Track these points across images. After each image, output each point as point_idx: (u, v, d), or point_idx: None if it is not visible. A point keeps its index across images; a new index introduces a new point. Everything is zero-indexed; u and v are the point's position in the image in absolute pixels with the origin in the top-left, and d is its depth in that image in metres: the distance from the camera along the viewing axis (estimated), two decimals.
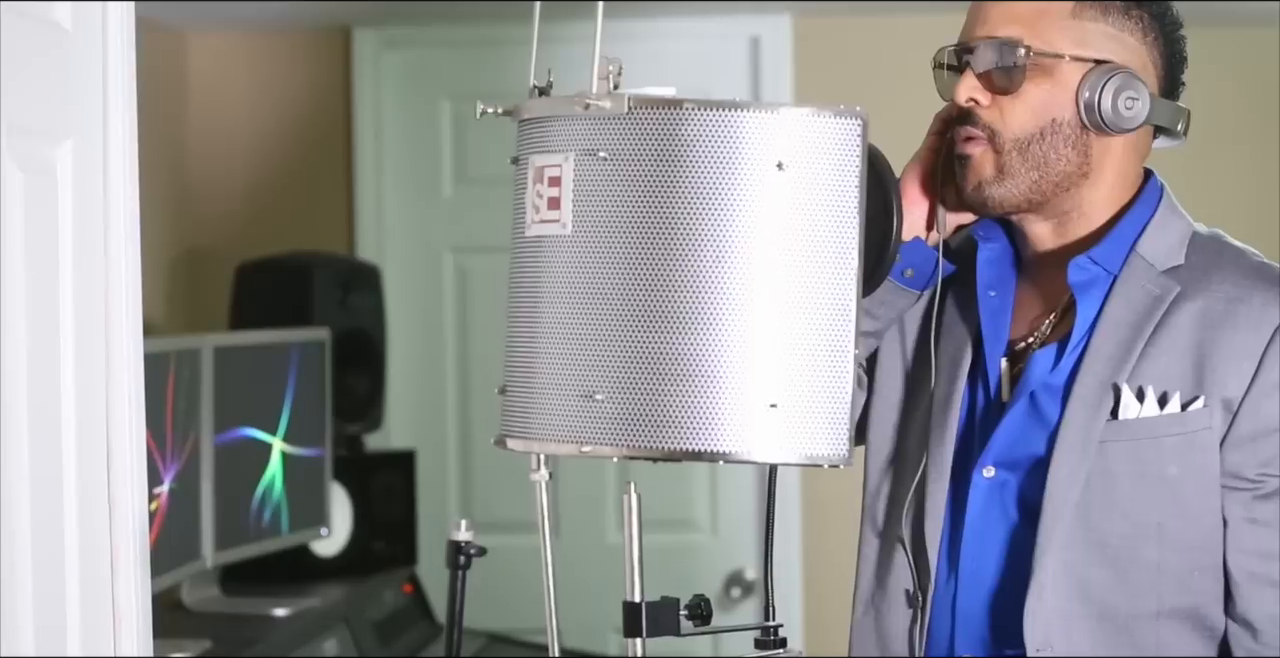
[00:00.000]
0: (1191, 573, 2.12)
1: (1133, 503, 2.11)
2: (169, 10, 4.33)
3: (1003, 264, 2.24)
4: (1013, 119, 2.14)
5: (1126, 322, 2.13)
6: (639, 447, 1.70)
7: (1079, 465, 2.11)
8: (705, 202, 1.69)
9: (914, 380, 2.28)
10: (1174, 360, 2.11)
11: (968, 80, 2.15)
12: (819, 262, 1.71)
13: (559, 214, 1.73)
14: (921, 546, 2.20)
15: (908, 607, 2.22)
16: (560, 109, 1.74)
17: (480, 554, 1.87)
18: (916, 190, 2.22)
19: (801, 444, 1.71)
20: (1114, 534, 2.11)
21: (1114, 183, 2.18)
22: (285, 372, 3.70)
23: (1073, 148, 2.14)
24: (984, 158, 2.15)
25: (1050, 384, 2.16)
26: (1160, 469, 2.10)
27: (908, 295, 2.23)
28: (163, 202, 4.52)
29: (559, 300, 1.74)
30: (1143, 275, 2.15)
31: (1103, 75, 2.12)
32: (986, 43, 2.14)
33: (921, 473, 2.20)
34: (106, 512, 1.98)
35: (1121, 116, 2.12)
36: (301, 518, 3.75)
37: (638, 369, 1.69)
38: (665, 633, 1.79)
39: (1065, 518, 2.11)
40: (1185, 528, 2.11)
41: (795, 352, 1.70)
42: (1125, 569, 2.11)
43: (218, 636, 3.29)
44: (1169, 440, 2.09)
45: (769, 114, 1.70)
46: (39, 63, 1.85)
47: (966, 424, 2.22)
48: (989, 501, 2.18)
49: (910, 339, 2.29)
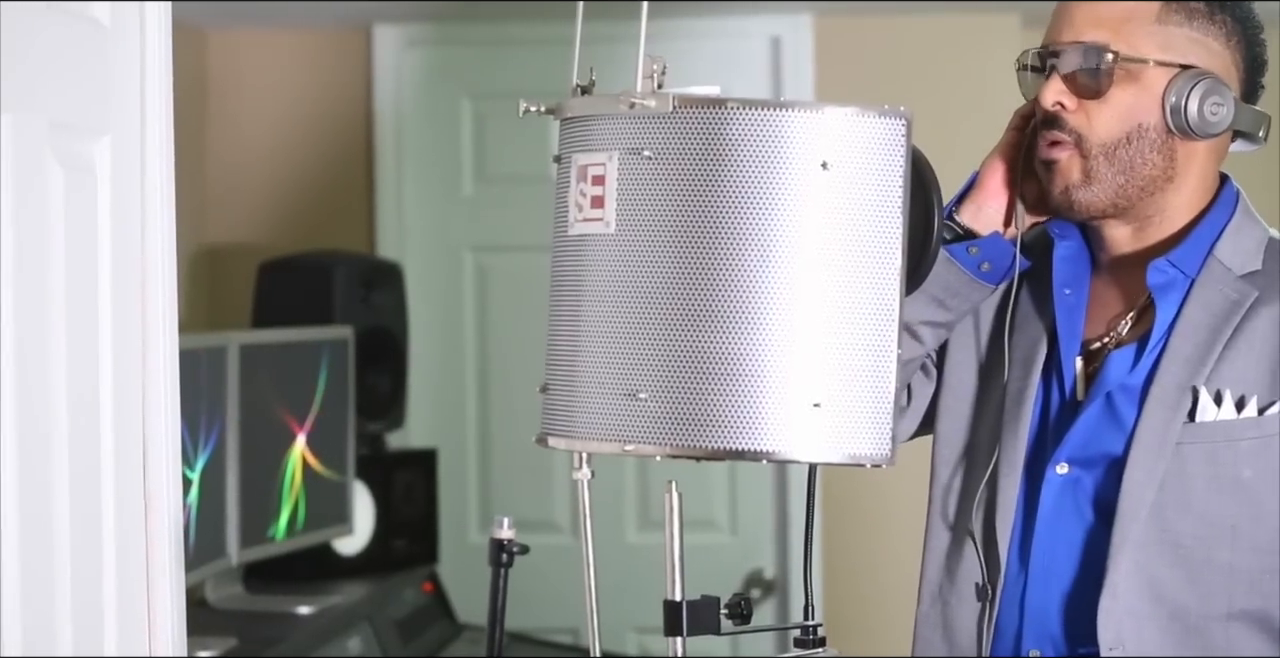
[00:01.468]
0: (1263, 575, 2.13)
1: (1207, 505, 2.12)
2: (190, 8, 4.33)
3: (1078, 262, 2.25)
4: (1099, 124, 2.15)
5: (1205, 325, 2.14)
6: (682, 446, 1.70)
7: (1155, 466, 2.12)
8: (750, 201, 1.68)
9: (987, 374, 2.29)
10: (1251, 365, 2.13)
11: (1054, 84, 2.15)
12: (863, 262, 1.71)
13: (603, 213, 1.73)
14: (993, 539, 2.21)
15: (976, 600, 2.23)
16: (604, 108, 1.74)
17: (523, 552, 1.88)
18: (997, 183, 2.23)
19: (844, 444, 1.71)
20: (1188, 535, 2.13)
21: (1196, 187, 2.20)
22: (309, 370, 3.70)
23: (1159, 153, 2.15)
24: (1070, 162, 2.16)
25: (1127, 385, 2.17)
26: (1236, 472, 2.12)
27: (983, 289, 2.23)
28: (183, 199, 4.49)
29: (602, 299, 1.73)
30: (1220, 279, 2.16)
31: (1189, 81, 2.13)
32: (1072, 47, 2.15)
33: (994, 466, 2.22)
34: (142, 512, 1.97)
35: (1207, 122, 2.14)
36: (324, 516, 3.75)
37: (681, 368, 1.69)
38: (706, 632, 1.79)
39: (1140, 518, 2.13)
40: (1258, 530, 2.13)
41: (838, 351, 1.70)
42: (1198, 570, 2.13)
43: (242, 634, 3.30)
44: (1245, 444, 2.11)
45: (814, 114, 1.70)
46: (79, 59, 1.85)
47: (1040, 421, 2.23)
48: (1061, 497, 2.19)
49: (984, 333, 2.30)
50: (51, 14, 1.78)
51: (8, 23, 1.67)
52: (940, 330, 2.27)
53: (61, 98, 1.79)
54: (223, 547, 3.37)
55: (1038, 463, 2.21)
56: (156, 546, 1.99)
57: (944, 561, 2.28)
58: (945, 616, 2.26)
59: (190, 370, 3.20)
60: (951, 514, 2.28)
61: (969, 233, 2.23)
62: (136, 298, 1.97)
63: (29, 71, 1.72)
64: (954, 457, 2.30)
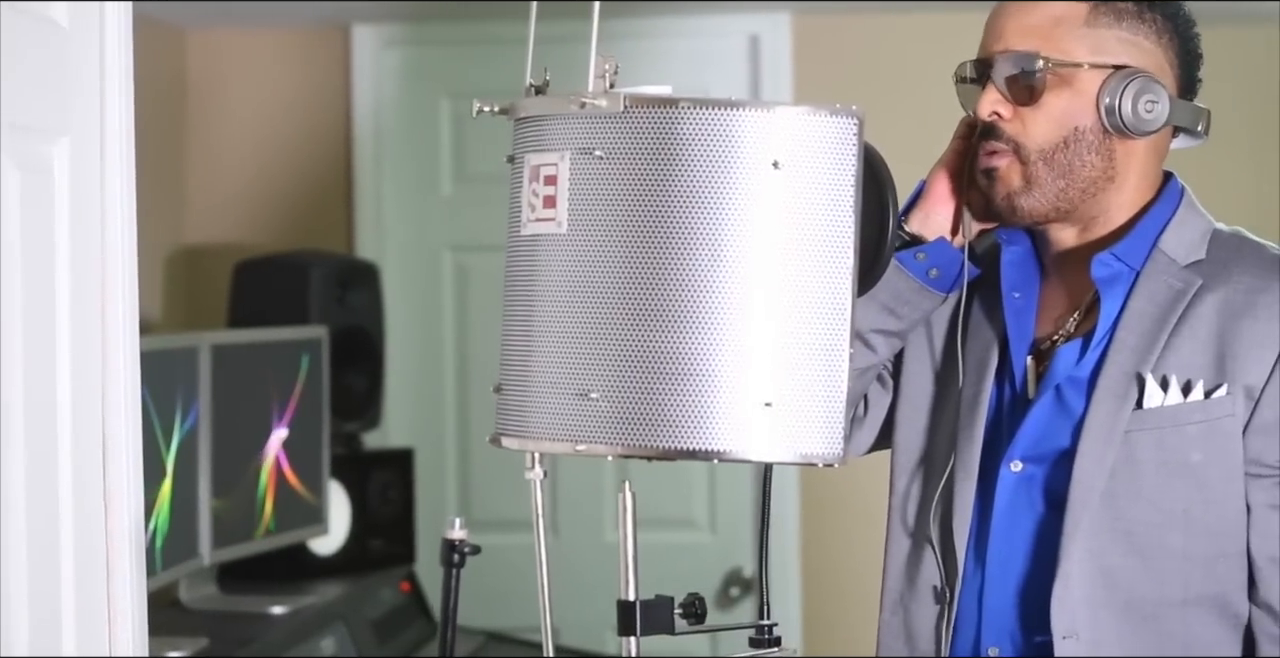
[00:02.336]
0: (1217, 560, 2.14)
1: (1158, 491, 2.14)
2: (168, 7, 4.33)
3: (1026, 266, 2.26)
4: (1036, 130, 2.16)
5: (1150, 314, 2.16)
6: (634, 446, 1.70)
7: (1105, 455, 2.14)
8: (701, 200, 1.69)
9: (943, 383, 2.31)
10: (1197, 350, 2.14)
11: (989, 95, 2.17)
12: (814, 261, 1.71)
13: (554, 213, 1.73)
14: (950, 542, 2.22)
15: (935, 603, 2.24)
16: (556, 108, 1.75)
17: (474, 553, 1.87)
18: (944, 191, 2.24)
19: (796, 443, 1.71)
20: (1140, 523, 2.14)
21: (1137, 185, 2.21)
22: (283, 370, 3.70)
23: (1097, 154, 2.16)
24: (1010, 169, 2.17)
25: (1075, 377, 2.18)
26: (1184, 457, 2.13)
27: (933, 296, 2.24)
28: (160, 199, 4.52)
29: (554, 299, 1.74)
30: (1165, 270, 2.17)
31: (1122, 80, 2.14)
32: (1004, 57, 2.16)
33: (950, 471, 2.23)
34: (102, 510, 1.97)
35: (1143, 119, 2.15)
36: (298, 517, 3.75)
37: (632, 368, 1.69)
38: (659, 631, 1.79)
39: (1091, 507, 2.14)
40: (1210, 515, 2.14)
41: (790, 351, 1.70)
42: (1151, 557, 2.14)
43: (215, 634, 3.29)
44: (1192, 428, 2.12)
45: (765, 113, 1.70)
46: (36, 60, 1.85)
47: (994, 422, 2.25)
48: (1016, 494, 2.20)
49: (938, 342, 2.32)
50: (8, 14, 1.77)
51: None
52: (893, 339, 2.28)
53: (18, 99, 1.79)
54: (195, 547, 3.37)
55: (991, 463, 2.22)
56: (117, 546, 1.99)
57: (904, 568, 2.29)
58: (906, 622, 2.27)
59: (163, 371, 3.21)
60: (911, 521, 2.29)
61: (917, 239, 2.24)
62: (96, 300, 1.97)
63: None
64: (911, 465, 2.31)
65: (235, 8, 4.39)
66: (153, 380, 3.13)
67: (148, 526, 3.11)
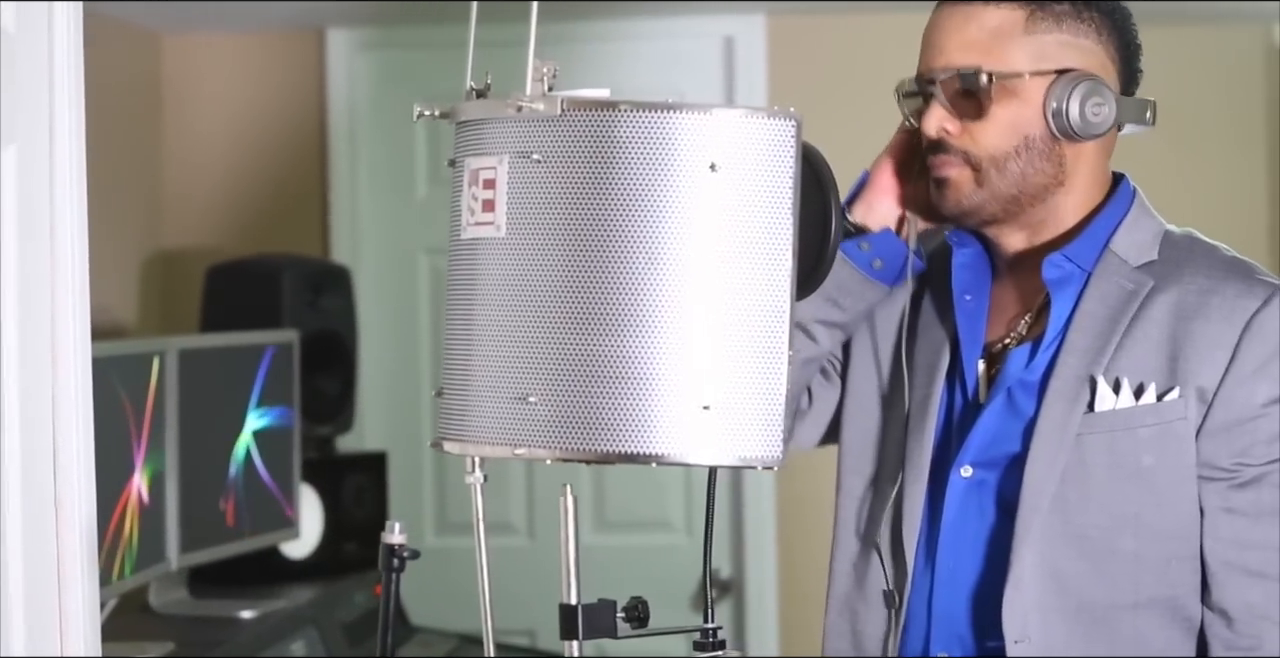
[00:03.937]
0: (1169, 563, 2.13)
1: (1109, 495, 2.12)
2: (142, 11, 4.33)
3: (977, 268, 2.25)
4: (985, 142, 2.15)
5: (1101, 316, 2.15)
6: (572, 449, 1.69)
7: (1055, 458, 2.12)
8: (638, 203, 1.68)
9: (891, 384, 2.29)
10: (1149, 352, 2.13)
11: (934, 112, 2.15)
12: (752, 263, 1.70)
13: (493, 216, 1.73)
14: (899, 547, 2.21)
15: (883, 607, 2.23)
16: (494, 111, 1.74)
17: (413, 557, 1.87)
18: (888, 181, 2.24)
19: (735, 446, 1.70)
20: (1091, 526, 2.13)
21: (1087, 187, 2.20)
22: (253, 374, 3.69)
23: (1048, 160, 2.16)
24: (962, 176, 2.16)
25: (1026, 380, 2.17)
26: (1136, 460, 2.12)
27: (877, 288, 2.23)
28: (136, 203, 4.52)
29: (493, 303, 1.73)
30: (1116, 271, 2.16)
31: (1067, 85, 2.13)
32: (946, 72, 2.14)
33: (901, 475, 2.22)
34: (53, 514, 1.97)
35: (1090, 123, 2.14)
36: (268, 521, 3.74)
37: (570, 372, 1.68)
38: (602, 635, 1.79)
39: (1042, 510, 2.13)
40: (1162, 519, 2.13)
41: (728, 354, 1.69)
42: (1103, 561, 2.13)
43: (182, 638, 3.29)
44: (1144, 431, 2.11)
45: (702, 115, 1.69)
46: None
47: (945, 426, 2.23)
48: (966, 499, 2.19)
49: (885, 342, 2.30)
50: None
51: None
52: (836, 331, 2.27)
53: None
54: (162, 551, 3.36)
55: (942, 467, 2.21)
56: (69, 551, 1.99)
57: (852, 570, 2.28)
58: (854, 625, 2.27)
59: (139, 375, 3.21)
60: (859, 524, 2.28)
61: (861, 230, 2.23)
62: (45, 309, 1.95)
63: None
64: (860, 466, 2.30)
65: (210, 11, 4.39)
66: (124, 386, 3.13)
67: (121, 530, 3.11)
